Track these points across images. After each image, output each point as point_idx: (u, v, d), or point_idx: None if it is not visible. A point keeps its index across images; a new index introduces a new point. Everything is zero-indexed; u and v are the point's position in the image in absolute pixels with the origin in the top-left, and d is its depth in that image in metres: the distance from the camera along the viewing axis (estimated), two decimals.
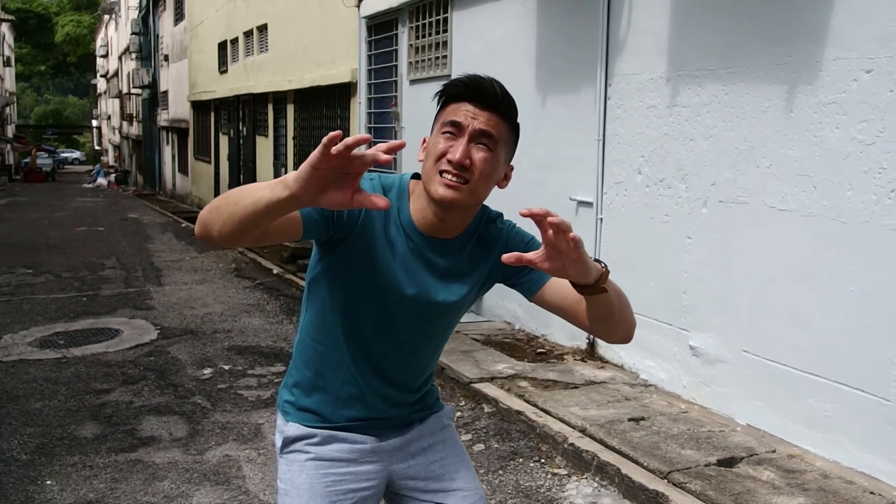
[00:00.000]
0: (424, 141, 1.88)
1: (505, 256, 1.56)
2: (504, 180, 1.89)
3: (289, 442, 2.04)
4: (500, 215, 2.01)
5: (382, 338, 1.96)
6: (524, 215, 1.49)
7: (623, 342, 1.92)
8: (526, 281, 1.94)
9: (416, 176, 1.92)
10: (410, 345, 1.99)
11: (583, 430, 4.91)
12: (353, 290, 1.91)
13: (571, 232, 1.51)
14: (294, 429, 2.03)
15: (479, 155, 1.76)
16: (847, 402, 4.38)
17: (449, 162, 1.75)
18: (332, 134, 1.37)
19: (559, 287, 1.88)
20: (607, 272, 1.67)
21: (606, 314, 1.78)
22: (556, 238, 1.51)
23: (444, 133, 1.79)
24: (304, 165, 1.42)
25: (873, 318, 4.24)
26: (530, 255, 1.56)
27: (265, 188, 1.52)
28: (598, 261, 1.67)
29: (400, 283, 1.88)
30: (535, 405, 5.36)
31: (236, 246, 1.74)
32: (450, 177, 1.76)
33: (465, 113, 1.77)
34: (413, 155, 1.96)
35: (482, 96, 1.78)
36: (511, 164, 1.90)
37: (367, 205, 1.47)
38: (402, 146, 1.43)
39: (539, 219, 1.49)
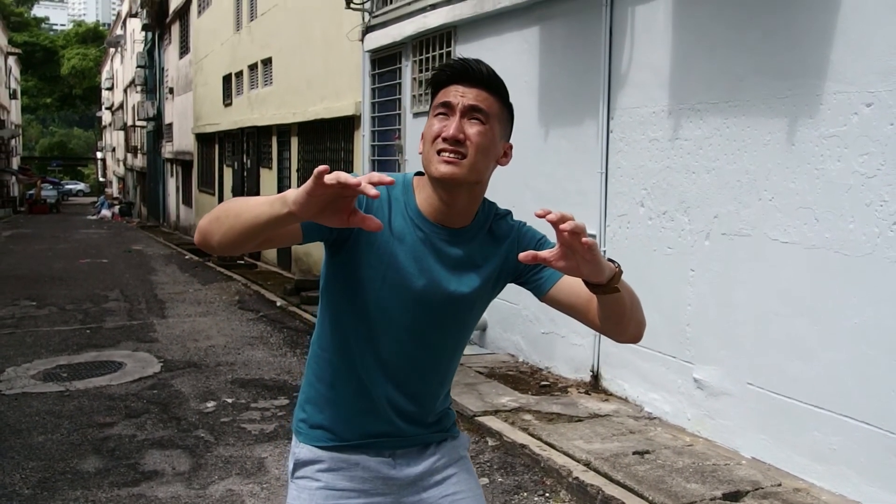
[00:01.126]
0: (422, 137, 1.91)
1: (521, 255, 1.58)
2: (504, 158, 1.92)
3: (300, 465, 2.01)
4: (510, 212, 2.03)
5: (393, 338, 1.92)
6: (539, 216, 1.52)
7: (633, 342, 1.92)
8: (538, 279, 1.95)
9: (419, 174, 1.95)
10: (423, 347, 1.95)
11: (587, 464, 4.88)
12: (361, 287, 1.89)
13: (586, 235, 1.54)
14: (305, 452, 2.01)
15: (472, 129, 1.80)
16: (852, 435, 4.36)
17: (444, 140, 1.79)
18: (320, 168, 1.42)
19: (570, 286, 1.89)
20: (620, 272, 1.69)
21: (619, 313, 1.79)
22: (572, 239, 1.54)
23: (437, 115, 1.84)
24: (301, 191, 1.47)
25: (877, 350, 4.23)
26: (545, 254, 1.58)
27: (265, 204, 1.57)
28: (611, 260, 1.69)
29: (409, 274, 1.87)
30: (540, 438, 5.34)
31: (235, 253, 1.78)
32: (447, 154, 1.79)
33: (455, 93, 1.83)
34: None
35: (470, 75, 1.84)
36: (510, 142, 1.94)
37: (362, 226, 1.51)
38: (390, 183, 1.45)
39: (554, 224, 1.52)
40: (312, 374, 2.03)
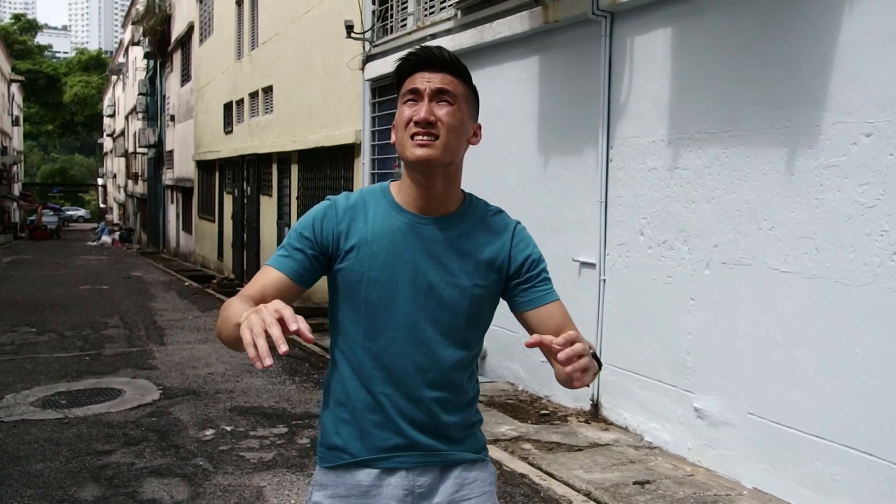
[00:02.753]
0: (393, 127, 1.97)
1: (527, 342, 1.67)
2: (474, 137, 1.99)
3: (315, 488, 2.03)
4: (502, 210, 2.08)
5: (390, 338, 1.93)
6: (529, 345, 1.65)
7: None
8: (522, 298, 2.01)
9: (393, 181, 2.04)
10: (420, 344, 1.94)
11: (587, 494, 4.86)
12: (353, 290, 1.94)
13: (580, 358, 1.64)
14: (319, 475, 2.02)
15: (442, 111, 1.87)
16: (854, 466, 4.34)
17: (416, 123, 1.86)
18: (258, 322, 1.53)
19: (544, 318, 1.99)
20: (600, 368, 1.82)
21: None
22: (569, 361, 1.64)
23: (406, 102, 1.91)
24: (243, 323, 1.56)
25: (877, 380, 4.22)
26: (548, 341, 1.65)
27: (234, 318, 1.69)
28: (596, 358, 1.78)
29: (393, 267, 1.92)
30: (539, 468, 5.32)
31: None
32: (421, 137, 1.86)
33: (421, 79, 1.89)
34: None
35: (433, 61, 1.91)
36: (478, 122, 2.01)
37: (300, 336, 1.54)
38: (310, 341, 1.53)
39: (549, 349, 1.64)
40: (327, 397, 2.05)
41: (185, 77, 25.92)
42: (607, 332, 6.29)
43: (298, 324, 1.51)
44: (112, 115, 54.74)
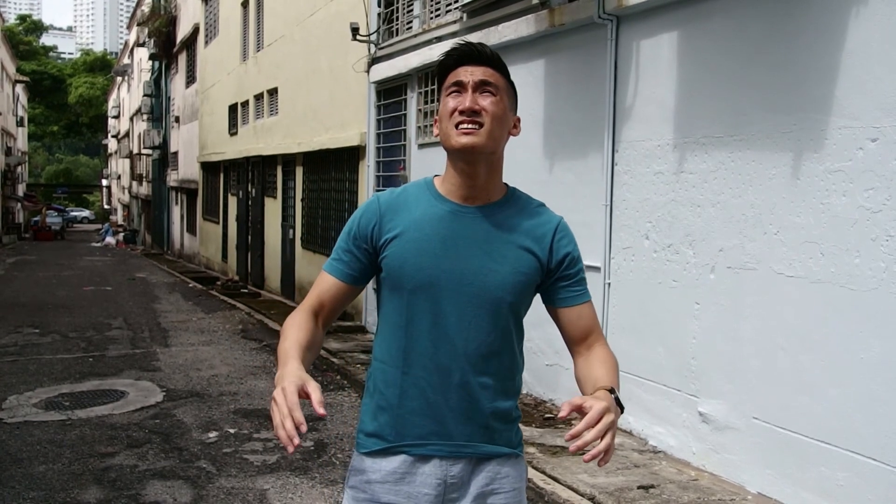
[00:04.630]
0: (436, 121, 2.04)
1: (562, 413, 1.75)
2: (514, 129, 2.07)
3: (351, 473, 2.08)
4: (545, 204, 2.16)
5: (432, 323, 1.97)
6: (563, 418, 1.75)
7: None
8: (557, 294, 2.08)
9: (436, 177, 2.11)
10: (462, 328, 1.97)
11: (592, 499, 4.84)
12: (399, 278, 2.00)
13: (597, 424, 1.74)
14: (357, 460, 2.07)
15: (486, 101, 1.95)
16: (859, 471, 4.32)
17: (461, 113, 1.94)
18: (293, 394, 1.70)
19: (575, 318, 2.08)
20: (618, 403, 1.93)
21: None
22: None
23: (450, 94, 1.99)
24: (279, 383, 1.75)
25: (883, 385, 4.21)
26: (580, 403, 1.76)
27: (283, 352, 1.89)
28: (615, 397, 1.91)
29: (436, 254, 1.98)
30: (544, 472, 5.31)
31: None
32: (465, 125, 1.94)
33: (464, 72, 1.98)
34: None
35: (475, 56, 1.98)
36: (518, 115, 2.10)
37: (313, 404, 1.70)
38: (323, 416, 1.67)
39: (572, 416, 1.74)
40: (368, 386, 2.10)
41: (191, 79, 25.95)
42: (612, 336, 6.27)
43: (311, 398, 1.70)
44: (117, 117, 54.82)
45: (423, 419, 1.98)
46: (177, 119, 28.43)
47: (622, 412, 1.91)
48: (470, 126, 1.92)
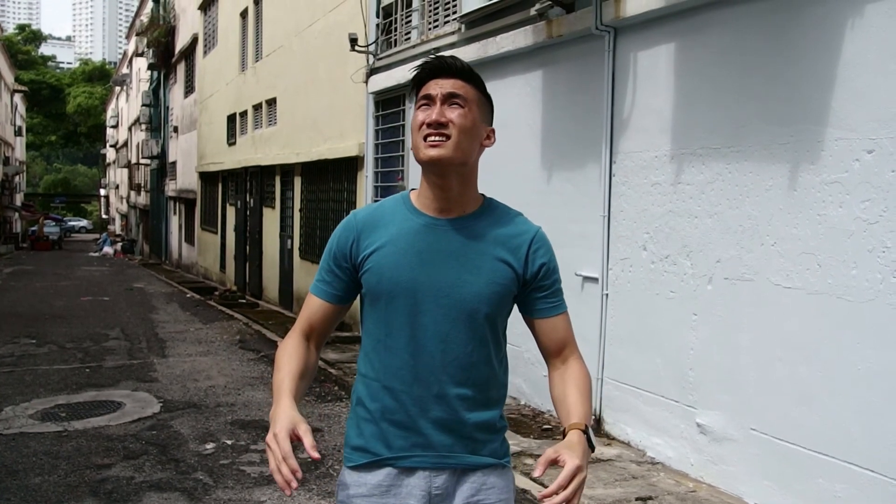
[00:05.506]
0: (411, 129, 2.05)
1: (536, 473, 1.79)
2: (487, 140, 2.07)
3: (339, 488, 2.09)
4: (522, 213, 2.16)
5: (410, 336, 1.99)
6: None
7: None
8: (529, 304, 2.09)
9: (413, 190, 2.13)
10: (439, 341, 1.99)
11: None
12: (377, 293, 2.02)
13: (569, 486, 1.75)
14: (344, 474, 2.08)
15: (454, 112, 1.96)
16: (857, 483, 4.31)
17: (428, 125, 1.95)
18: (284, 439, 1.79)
19: (550, 330, 2.09)
20: (592, 451, 1.92)
21: None
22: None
23: (420, 107, 2.00)
24: (272, 424, 1.84)
25: (880, 396, 4.20)
26: (554, 457, 1.79)
27: (274, 391, 1.96)
28: (587, 437, 1.91)
29: (412, 266, 1.99)
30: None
31: None
32: (433, 137, 1.95)
33: (434, 85, 1.99)
34: None
35: (446, 69, 2.00)
36: (492, 127, 2.09)
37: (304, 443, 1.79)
38: (317, 459, 1.75)
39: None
40: (354, 401, 2.11)
41: (189, 88, 25.99)
42: (610, 347, 6.27)
43: (303, 443, 1.78)
44: (115, 126, 54.87)
45: (406, 431, 2.00)
46: (175, 129, 28.45)
47: (593, 451, 1.92)
48: (437, 138, 1.94)
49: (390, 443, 2.00)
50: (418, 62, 2.06)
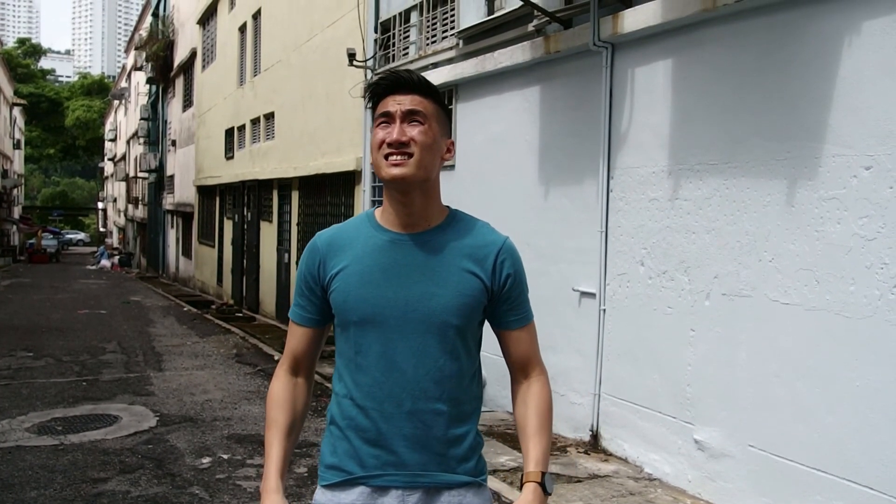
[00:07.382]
0: (371, 147, 2.05)
1: None
2: (447, 153, 2.06)
3: None
4: (488, 224, 2.15)
5: (380, 353, 1.99)
6: None
7: None
8: (496, 315, 2.09)
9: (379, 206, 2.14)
10: (410, 356, 1.98)
11: None
12: (345, 312, 2.02)
13: None
14: (319, 495, 2.07)
15: (414, 130, 1.95)
16: (855, 500, 4.30)
17: (389, 145, 1.94)
18: None
19: (515, 343, 2.10)
20: (543, 488, 2.00)
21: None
22: None
23: (379, 125, 1.99)
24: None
25: (878, 413, 4.20)
26: None
27: (265, 456, 2.07)
28: (542, 482, 1.99)
29: (377, 282, 1.99)
30: None
31: None
32: (394, 156, 1.94)
33: (392, 102, 1.98)
34: None
35: (402, 84, 1.98)
36: (451, 139, 2.08)
37: None
38: None
39: None
40: (328, 421, 2.11)
41: (188, 102, 26.04)
42: (607, 362, 6.26)
43: None
44: (113, 140, 54.92)
45: (378, 450, 1.99)
46: (173, 143, 28.49)
47: (550, 495, 1.99)
48: (399, 157, 1.93)
49: (363, 461, 2.00)
50: (374, 78, 2.07)
